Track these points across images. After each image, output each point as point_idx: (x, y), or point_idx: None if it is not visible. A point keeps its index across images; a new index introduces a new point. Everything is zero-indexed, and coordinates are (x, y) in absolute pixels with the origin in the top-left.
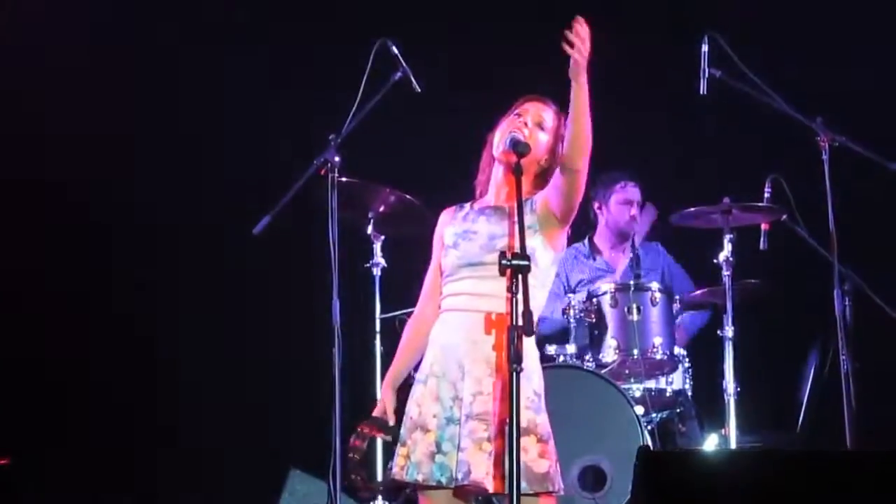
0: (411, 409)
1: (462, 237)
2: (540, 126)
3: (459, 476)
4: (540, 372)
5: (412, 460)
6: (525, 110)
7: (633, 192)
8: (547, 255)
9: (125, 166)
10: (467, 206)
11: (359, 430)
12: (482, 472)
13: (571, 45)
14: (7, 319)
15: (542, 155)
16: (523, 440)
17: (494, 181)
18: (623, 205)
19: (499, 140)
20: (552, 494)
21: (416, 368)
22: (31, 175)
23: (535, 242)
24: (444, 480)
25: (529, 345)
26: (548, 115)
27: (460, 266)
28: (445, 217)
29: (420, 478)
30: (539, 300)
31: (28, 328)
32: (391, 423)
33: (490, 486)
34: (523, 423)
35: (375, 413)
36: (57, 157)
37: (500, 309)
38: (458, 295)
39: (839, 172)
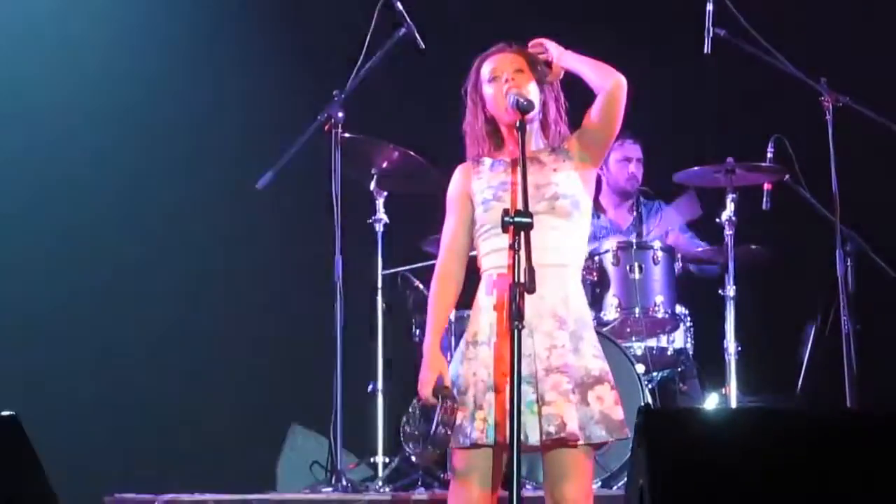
0: (479, 371)
1: (501, 189)
2: (520, 71)
3: (552, 430)
4: None
5: (489, 423)
6: (498, 71)
7: (630, 148)
8: (587, 201)
9: (122, 118)
10: (486, 160)
11: (449, 404)
12: (576, 425)
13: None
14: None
15: (540, 97)
16: (598, 389)
17: (510, 137)
18: (622, 162)
19: (498, 104)
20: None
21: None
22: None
23: (576, 189)
24: (522, 438)
25: (582, 297)
26: (515, 58)
27: None
28: (464, 174)
29: (500, 438)
30: (584, 247)
31: (26, 281)
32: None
33: (581, 438)
34: (596, 373)
35: (446, 384)
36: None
37: (556, 259)
38: (506, 249)
39: (842, 133)
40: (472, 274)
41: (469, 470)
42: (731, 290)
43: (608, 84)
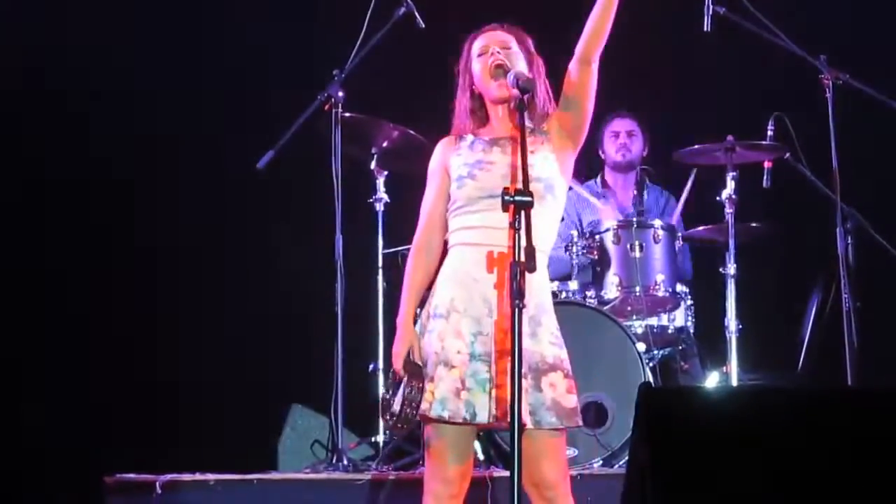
0: (433, 344)
1: (477, 167)
2: (508, 48)
3: (500, 413)
4: None
5: (436, 397)
6: (486, 47)
7: (620, 122)
8: (563, 185)
9: (125, 102)
10: (468, 136)
11: (414, 384)
12: (523, 409)
13: None
14: (9, 256)
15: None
16: (551, 376)
17: (495, 115)
18: (611, 136)
19: (485, 80)
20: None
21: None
22: (30, 119)
23: (552, 172)
24: (468, 417)
25: (545, 281)
26: (506, 37)
27: (480, 197)
28: (444, 148)
29: (446, 415)
30: (554, 232)
31: (26, 263)
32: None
33: (529, 422)
34: (550, 360)
35: (414, 359)
36: (56, 87)
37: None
38: (477, 228)
39: (842, 110)
40: None
41: (438, 445)
42: (731, 269)
43: (594, 53)
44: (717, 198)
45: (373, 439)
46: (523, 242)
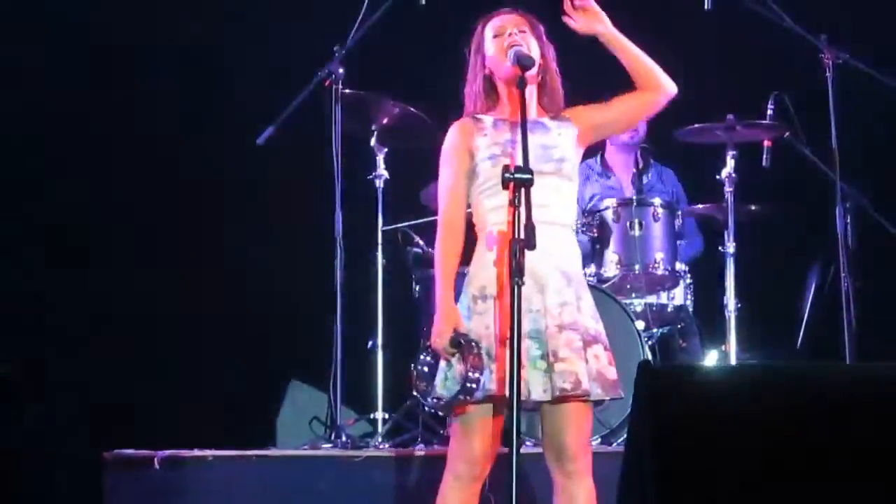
0: (490, 325)
1: (510, 146)
2: (523, 31)
3: (568, 386)
4: None
5: (496, 376)
6: (502, 28)
7: None
8: (576, 168)
9: (125, 75)
10: (485, 118)
11: (476, 351)
12: (587, 381)
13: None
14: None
15: (539, 61)
16: (595, 348)
17: (509, 96)
18: None
19: (500, 60)
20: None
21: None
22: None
23: (574, 154)
24: (525, 394)
25: (580, 258)
26: (521, 21)
27: None
28: (464, 129)
29: (500, 393)
30: (575, 209)
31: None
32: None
33: (593, 394)
34: (593, 332)
35: (463, 332)
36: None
37: (560, 219)
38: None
39: (843, 90)
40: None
41: (472, 425)
42: (731, 247)
43: (668, 88)
44: (717, 176)
45: (371, 416)
46: (523, 220)
